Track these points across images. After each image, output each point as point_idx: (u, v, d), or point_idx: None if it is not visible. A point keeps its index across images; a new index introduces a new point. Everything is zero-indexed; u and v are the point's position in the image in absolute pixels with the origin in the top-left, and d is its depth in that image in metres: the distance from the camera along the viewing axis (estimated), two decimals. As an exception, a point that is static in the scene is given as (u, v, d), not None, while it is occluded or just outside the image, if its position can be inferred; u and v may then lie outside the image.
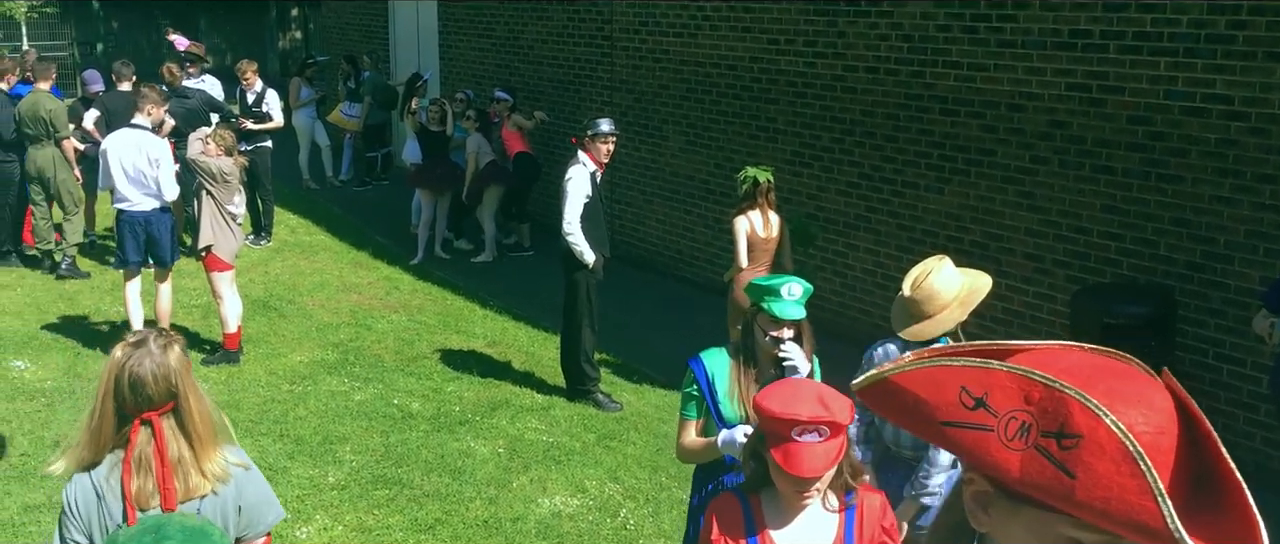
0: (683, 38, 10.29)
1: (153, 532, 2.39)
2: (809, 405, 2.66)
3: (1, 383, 7.47)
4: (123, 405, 2.78)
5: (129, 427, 2.79)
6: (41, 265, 10.21)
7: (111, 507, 2.79)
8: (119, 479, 2.78)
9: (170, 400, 2.81)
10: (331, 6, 17.91)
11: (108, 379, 2.80)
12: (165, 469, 2.79)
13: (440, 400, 7.46)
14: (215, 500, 2.86)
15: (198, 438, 2.84)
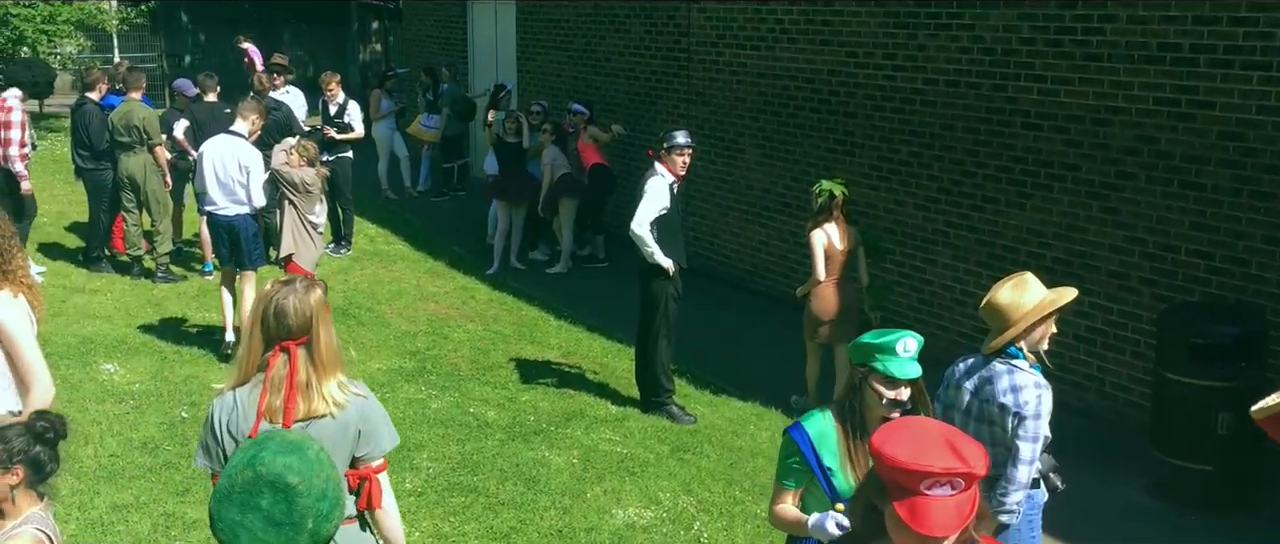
0: (760, 50, 10.27)
1: (257, 444, 2.83)
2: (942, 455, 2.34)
3: (92, 385, 7.68)
4: (268, 333, 3.34)
5: (270, 351, 3.33)
6: (131, 271, 10.48)
7: (246, 418, 3.31)
8: (257, 396, 3.33)
9: (306, 333, 3.35)
10: (412, 20, 18.18)
11: (258, 311, 3.36)
12: (292, 391, 3.32)
13: (515, 410, 7.51)
14: (333, 422, 3.35)
15: (324, 367, 3.37)
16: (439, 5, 16.85)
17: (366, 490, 3.45)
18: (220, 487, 2.82)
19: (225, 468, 2.88)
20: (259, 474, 2.77)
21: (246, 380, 3.39)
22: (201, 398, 7.51)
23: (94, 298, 9.77)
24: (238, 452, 2.85)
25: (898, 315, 9.06)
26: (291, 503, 2.76)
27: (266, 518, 2.76)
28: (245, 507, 2.77)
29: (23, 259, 4.32)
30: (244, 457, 2.83)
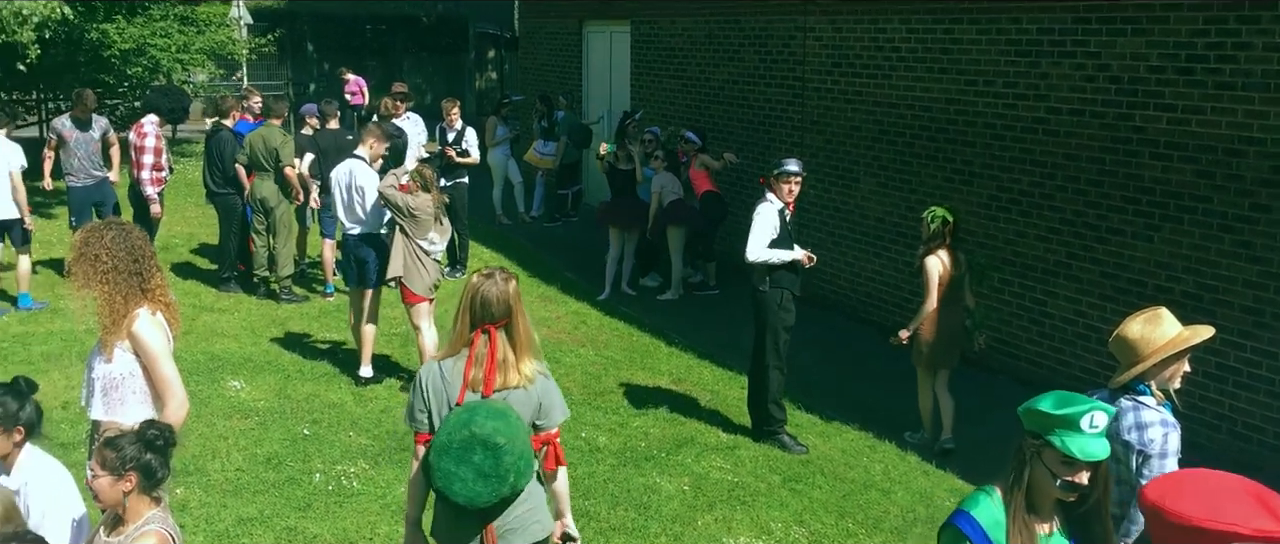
0: (876, 79, 10.18)
1: (470, 409, 3.72)
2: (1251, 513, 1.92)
3: (219, 401, 7.94)
4: (474, 317, 3.92)
5: (475, 331, 3.89)
6: (258, 291, 10.83)
7: (452, 387, 3.89)
8: (462, 369, 3.89)
9: (505, 318, 3.92)
10: (528, 49, 18.49)
11: (466, 298, 3.95)
12: (492, 365, 3.87)
13: (626, 435, 7.53)
14: (523, 393, 3.91)
15: (520, 347, 3.93)
16: (555, 34, 17.10)
17: (550, 453, 4.01)
18: (438, 443, 3.68)
19: (442, 428, 3.71)
20: (474, 434, 3.64)
21: (452, 355, 3.95)
22: (323, 416, 7.71)
23: (222, 317, 10.11)
24: (452, 415, 3.72)
25: (1016, 349, 8.86)
26: (499, 459, 3.64)
27: (477, 470, 3.64)
28: (460, 460, 3.65)
29: (161, 278, 4.49)
30: (459, 419, 3.68)
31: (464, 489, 3.66)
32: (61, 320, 9.69)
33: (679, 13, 13.48)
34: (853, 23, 10.45)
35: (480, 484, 3.66)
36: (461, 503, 3.72)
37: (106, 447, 3.62)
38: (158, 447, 3.66)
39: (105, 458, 3.59)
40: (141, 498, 3.64)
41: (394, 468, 6.88)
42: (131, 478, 3.59)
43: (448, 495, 3.72)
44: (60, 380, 8.09)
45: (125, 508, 3.62)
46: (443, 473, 3.67)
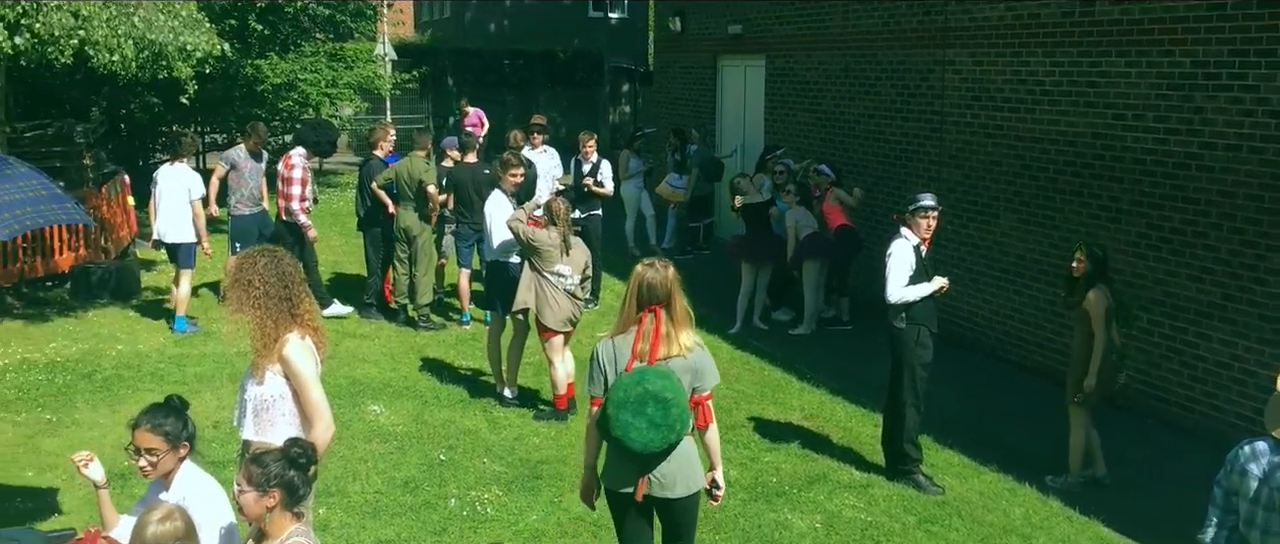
0: (1019, 112, 9.96)
1: (641, 372, 4.53)
2: None
3: (360, 425, 8.16)
4: (640, 299, 4.68)
5: (641, 312, 4.65)
6: (397, 318, 11.12)
7: (622, 356, 4.64)
8: (630, 342, 4.64)
9: (666, 299, 4.68)
10: (662, 83, 18.65)
11: (633, 284, 4.73)
12: (657, 338, 4.64)
13: (757, 470, 7.47)
14: (682, 361, 4.66)
15: (678, 323, 4.69)
16: (689, 69, 17.22)
17: (703, 411, 4.74)
18: (615, 399, 4.48)
19: (616, 387, 4.53)
20: (646, 391, 4.47)
21: (622, 332, 4.71)
22: (458, 442, 7.85)
23: (364, 343, 10.41)
24: (625, 377, 4.54)
25: (1165, 392, 8.51)
26: (667, 411, 4.45)
27: (649, 421, 4.46)
28: (635, 413, 4.46)
29: (310, 304, 4.65)
30: (633, 379, 4.51)
31: (639, 436, 4.47)
32: (214, 344, 10.11)
33: (815, 46, 13.43)
34: (994, 56, 10.25)
35: (652, 432, 4.47)
36: (637, 449, 4.50)
37: (253, 463, 3.77)
38: (300, 464, 3.80)
39: (251, 474, 3.74)
40: (285, 513, 3.78)
41: (526, 495, 6.96)
42: (275, 494, 3.73)
43: (625, 443, 4.51)
44: (211, 401, 8.43)
45: (269, 522, 3.76)
46: (621, 423, 4.48)
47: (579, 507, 6.79)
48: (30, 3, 9.17)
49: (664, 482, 4.64)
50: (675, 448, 4.60)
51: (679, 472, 4.65)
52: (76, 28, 9.48)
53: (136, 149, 19.68)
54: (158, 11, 10.53)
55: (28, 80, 14.89)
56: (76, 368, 9.40)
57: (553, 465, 7.47)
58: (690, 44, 17.10)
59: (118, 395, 8.72)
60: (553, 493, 7.01)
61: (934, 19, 11.06)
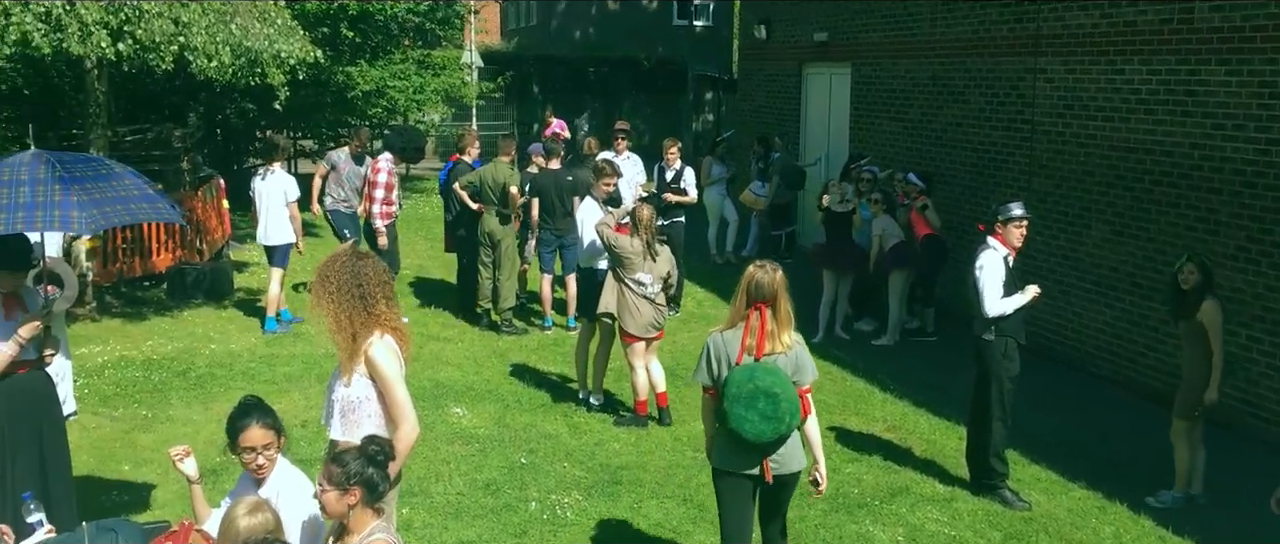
0: (1113, 121, 9.73)
1: (751, 369, 4.97)
2: None
3: (443, 426, 8.25)
4: (749, 297, 5.07)
5: (749, 309, 5.07)
6: (480, 322, 11.23)
7: (731, 351, 5.08)
8: (739, 337, 5.07)
9: (772, 299, 5.04)
10: (746, 90, 18.59)
11: (744, 283, 5.10)
12: (763, 335, 5.04)
13: (839, 481, 7.39)
14: (786, 357, 5.07)
15: (782, 322, 5.07)
16: (773, 77, 17.14)
17: (804, 403, 5.09)
18: (730, 394, 4.94)
19: (730, 383, 4.96)
20: (757, 387, 4.91)
21: (731, 327, 5.14)
22: (539, 445, 7.90)
23: (447, 346, 10.53)
24: (736, 372, 4.97)
25: (1266, 413, 8.24)
26: (776, 406, 4.91)
27: (761, 414, 4.91)
28: (748, 407, 4.92)
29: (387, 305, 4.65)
30: (745, 375, 4.94)
31: (752, 428, 4.94)
32: (303, 344, 10.31)
33: (902, 55, 13.28)
34: (1088, 64, 10.03)
35: (764, 424, 4.93)
36: (751, 439, 4.97)
37: (333, 462, 3.83)
38: (379, 461, 3.86)
39: (331, 473, 3.80)
40: (365, 511, 3.84)
41: (606, 500, 6.97)
42: (356, 492, 3.79)
43: (741, 434, 4.97)
44: (300, 400, 8.59)
45: (351, 519, 3.82)
46: (736, 417, 4.95)
47: (658, 513, 6.81)
48: (133, 9, 9.45)
49: (777, 461, 5.11)
50: (785, 439, 5.07)
51: (787, 452, 5.15)
52: (176, 34, 9.75)
53: (231, 154, 20.18)
54: (254, 19, 10.79)
55: (129, 86, 15.36)
56: (171, 366, 9.66)
57: (632, 471, 7.47)
58: (775, 51, 17.03)
59: (210, 393, 8.94)
60: (632, 499, 7.02)
61: (1026, 26, 10.87)
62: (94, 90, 11.06)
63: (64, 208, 4.86)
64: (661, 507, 6.91)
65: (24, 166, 4.99)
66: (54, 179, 4.94)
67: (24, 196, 4.84)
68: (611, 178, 9.35)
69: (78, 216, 4.88)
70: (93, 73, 10.93)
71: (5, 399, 5.27)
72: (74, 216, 4.87)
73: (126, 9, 9.41)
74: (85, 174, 5.10)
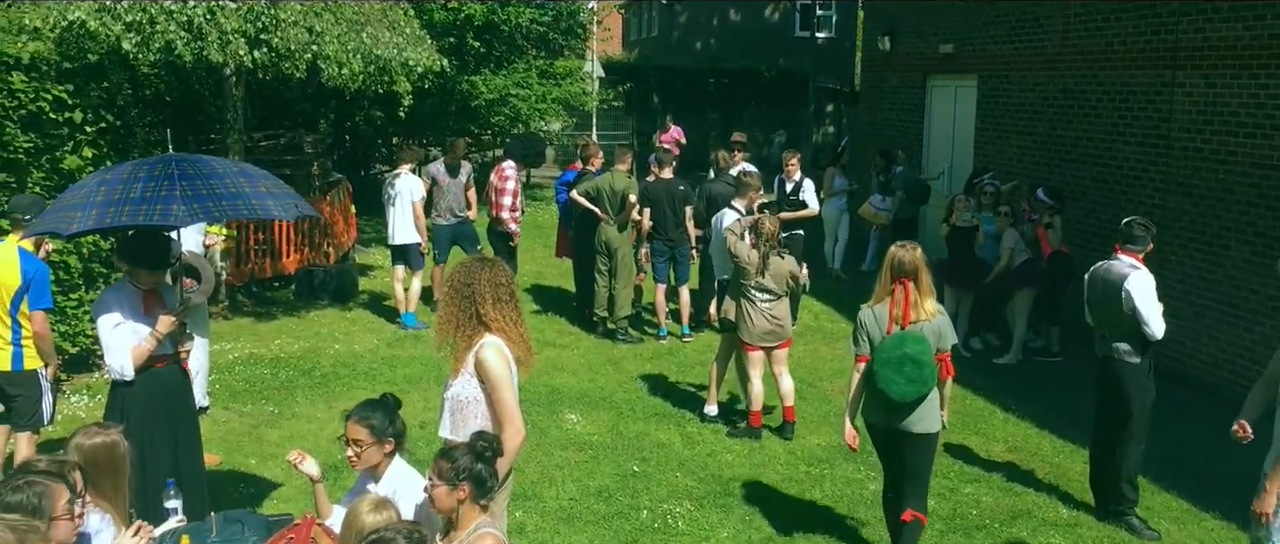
0: (1255, 138, 9.32)
1: (899, 337, 5.71)
2: None
3: (557, 432, 8.32)
4: (893, 273, 5.81)
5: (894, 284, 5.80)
6: (596, 329, 11.30)
7: (881, 322, 5.86)
8: (886, 310, 5.84)
9: (914, 273, 5.77)
10: (868, 102, 18.36)
11: (888, 262, 5.84)
12: (907, 306, 5.78)
13: (956, 501, 7.22)
14: (929, 324, 5.79)
15: (924, 293, 5.80)
16: (897, 89, 16.89)
17: (945, 366, 5.84)
18: (881, 359, 5.73)
19: (880, 350, 5.75)
20: (905, 353, 5.68)
21: (879, 302, 5.90)
22: (651, 454, 7.90)
23: (563, 353, 10.62)
24: (889, 340, 5.74)
25: None
26: (921, 369, 5.66)
27: (907, 377, 5.68)
28: (896, 370, 5.67)
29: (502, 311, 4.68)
30: (894, 342, 5.72)
31: (898, 389, 5.71)
32: (423, 346, 10.52)
33: (1031, 67, 12.95)
34: (1229, 78, 9.63)
35: (908, 386, 5.69)
36: (896, 398, 5.73)
37: (442, 458, 3.90)
38: (486, 458, 3.92)
39: (441, 469, 3.87)
40: (473, 507, 3.89)
41: (718, 511, 6.93)
42: (465, 487, 3.85)
43: (888, 394, 5.73)
44: (419, 402, 8.76)
45: (458, 515, 3.88)
46: (885, 379, 5.72)
47: (771, 526, 6.74)
48: (270, 18, 9.78)
49: (911, 420, 5.81)
50: (924, 399, 5.76)
51: (922, 413, 5.82)
52: (310, 42, 10.05)
53: (359, 159, 20.73)
54: (384, 27, 11.08)
55: (264, 93, 15.91)
56: (298, 364, 9.95)
57: (746, 484, 7.42)
58: (899, 63, 16.79)
59: (334, 392, 9.18)
60: (744, 512, 6.96)
61: (1163, 38, 10.49)
62: (231, 96, 11.48)
63: (166, 202, 5.01)
64: (774, 520, 6.84)
65: (145, 166, 5.21)
66: (165, 176, 5.12)
67: (135, 192, 5.04)
68: (758, 189, 9.41)
69: (178, 210, 5.01)
70: (231, 79, 11.35)
71: (143, 391, 5.49)
72: (175, 210, 5.00)
73: (263, 17, 9.75)
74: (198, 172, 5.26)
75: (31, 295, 6.40)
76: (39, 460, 3.80)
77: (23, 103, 8.17)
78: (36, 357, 6.51)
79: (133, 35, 9.23)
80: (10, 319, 6.39)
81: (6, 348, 6.43)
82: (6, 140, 7.91)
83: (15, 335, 6.42)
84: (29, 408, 6.54)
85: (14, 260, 6.38)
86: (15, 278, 6.37)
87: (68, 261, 8.85)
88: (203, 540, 4.36)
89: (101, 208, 4.96)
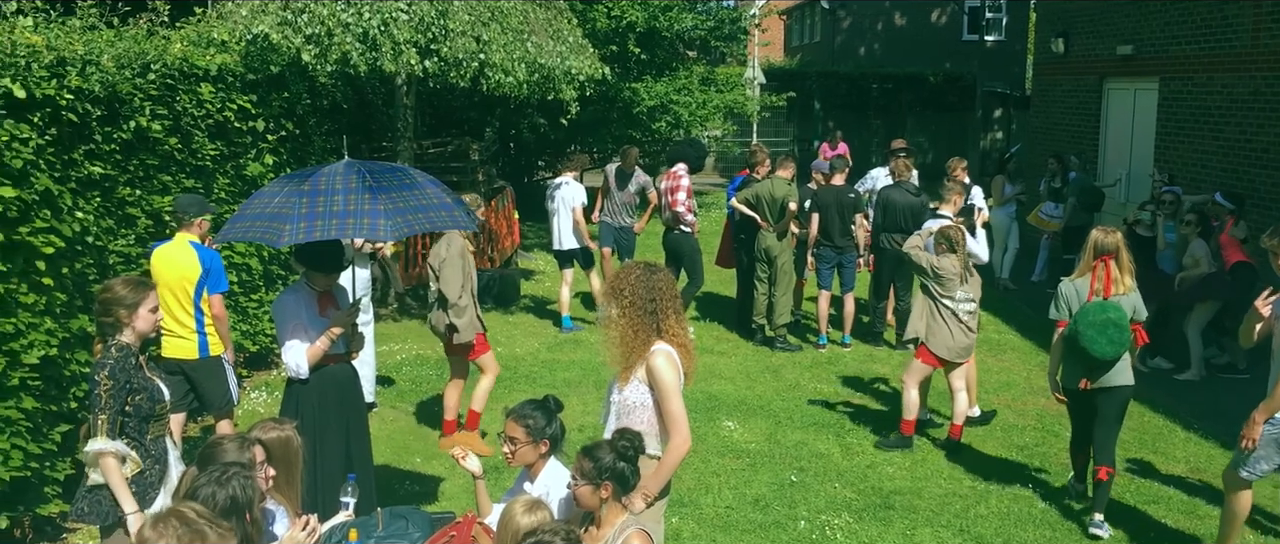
0: None
1: (1101, 304, 6.47)
2: None
3: (714, 439, 8.28)
4: (1095, 252, 6.61)
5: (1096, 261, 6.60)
6: (754, 337, 11.22)
7: (1082, 294, 6.60)
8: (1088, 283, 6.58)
9: (1115, 251, 6.56)
10: (1040, 107, 17.74)
11: (1090, 243, 6.64)
12: (1109, 281, 6.54)
13: (1135, 523, 6.88)
14: (1126, 298, 6.54)
15: (1123, 269, 6.57)
16: (1071, 92, 16.27)
17: (1139, 335, 6.63)
18: (1086, 321, 6.41)
19: (1084, 317, 6.43)
20: (1109, 318, 6.39)
21: (1081, 277, 6.65)
22: (809, 464, 7.79)
23: (721, 359, 10.58)
24: (1093, 305, 6.46)
25: None
26: (1121, 333, 6.40)
27: (1109, 339, 6.39)
28: (1100, 333, 6.38)
29: (677, 320, 4.72)
30: (1099, 309, 6.43)
31: (1101, 350, 6.41)
32: (583, 350, 10.64)
33: (1217, 68, 12.29)
34: None
35: (1110, 347, 6.41)
36: (1098, 356, 6.43)
37: (584, 457, 3.92)
38: (629, 456, 3.92)
39: (583, 468, 3.89)
40: (616, 505, 3.90)
41: (878, 524, 6.78)
42: (608, 486, 3.86)
43: (1092, 353, 6.43)
44: (578, 405, 8.85)
45: (602, 514, 3.89)
46: (1088, 338, 6.41)
47: (932, 541, 6.56)
48: (439, 28, 10.07)
49: (1109, 376, 6.53)
50: (1119, 358, 6.50)
51: (1118, 369, 6.55)
52: (477, 52, 10.30)
53: (522, 166, 21.15)
54: (548, 37, 11.27)
55: (433, 102, 16.39)
56: (461, 365, 10.18)
57: (906, 497, 7.24)
58: (1073, 65, 16.17)
59: (495, 394, 9.33)
60: (905, 525, 6.79)
61: (1366, 35, 9.81)
62: (403, 105, 11.85)
63: (372, 216, 5.19)
64: (936, 535, 6.65)
65: (338, 176, 5.36)
66: (364, 188, 5.28)
67: (337, 205, 5.20)
68: (962, 194, 9.21)
69: (385, 224, 5.20)
70: (402, 89, 11.72)
71: (318, 389, 5.70)
72: (381, 225, 5.19)
73: (433, 27, 10.03)
74: (390, 183, 5.42)
75: (210, 282, 6.83)
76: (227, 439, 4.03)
77: (210, 112, 8.61)
78: (219, 343, 6.92)
79: (312, 47, 9.63)
80: (194, 309, 6.81)
81: (192, 337, 6.84)
82: (195, 148, 8.34)
83: (199, 324, 6.84)
84: (219, 393, 6.97)
85: (191, 253, 6.79)
86: (195, 268, 6.78)
87: (250, 264, 9.28)
88: (369, 535, 4.48)
89: (309, 220, 5.15)
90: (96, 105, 6.87)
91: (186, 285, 6.77)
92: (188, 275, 6.77)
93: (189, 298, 6.78)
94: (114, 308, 4.66)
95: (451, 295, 7.60)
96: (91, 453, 4.56)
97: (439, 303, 7.76)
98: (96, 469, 4.59)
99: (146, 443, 4.73)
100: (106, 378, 4.53)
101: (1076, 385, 6.64)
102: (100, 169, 6.90)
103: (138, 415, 4.67)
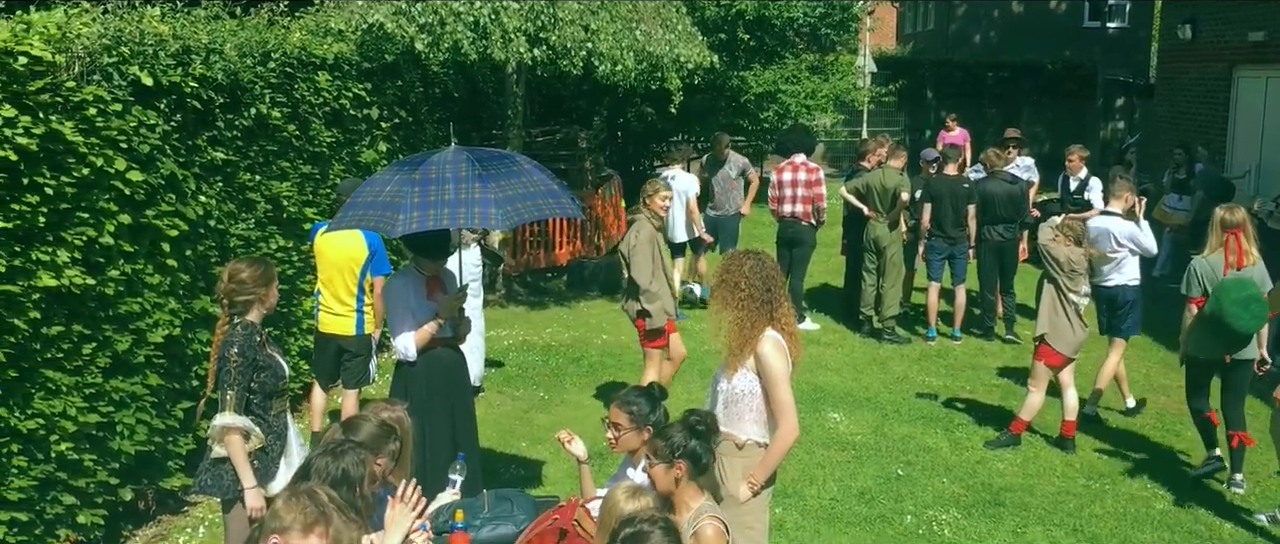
0: None
1: (1239, 281, 6.65)
2: None
3: (819, 430, 8.20)
4: (1224, 227, 6.84)
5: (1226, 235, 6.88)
6: (862, 328, 11.07)
7: (1216, 271, 6.86)
8: (1222, 258, 6.82)
9: (1242, 224, 6.83)
10: (1164, 95, 17.14)
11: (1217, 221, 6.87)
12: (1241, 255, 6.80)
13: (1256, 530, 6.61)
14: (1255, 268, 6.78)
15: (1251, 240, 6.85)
16: (1198, 80, 15.68)
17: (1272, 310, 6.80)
18: (1229, 298, 6.55)
19: (1226, 293, 6.57)
20: (1250, 294, 6.54)
21: (1212, 252, 6.89)
22: (917, 458, 7.66)
23: (827, 350, 10.47)
24: (1232, 282, 6.63)
25: None
26: (1262, 308, 6.57)
27: (1251, 313, 6.53)
28: (1243, 307, 6.52)
29: (788, 308, 4.70)
30: (1238, 284, 6.60)
31: (1243, 324, 6.58)
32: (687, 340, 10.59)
33: (1357, 53, 11.72)
34: None
35: (1253, 321, 6.58)
36: (1241, 330, 6.61)
37: (657, 437, 3.90)
38: (701, 433, 3.88)
39: (656, 448, 3.86)
40: (691, 485, 3.86)
41: (987, 521, 6.64)
42: (682, 465, 3.83)
43: (1234, 325, 6.58)
44: (680, 392, 8.82)
45: (677, 494, 3.86)
46: (1232, 313, 6.55)
47: (1044, 540, 6.42)
48: (549, 16, 10.14)
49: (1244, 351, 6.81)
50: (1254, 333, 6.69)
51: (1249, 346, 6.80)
52: (586, 40, 10.35)
53: (630, 155, 21.19)
54: (656, 25, 11.25)
55: (542, 90, 16.52)
56: (567, 352, 10.27)
57: (1017, 494, 7.07)
58: (1201, 53, 15.57)
59: (600, 381, 9.42)
60: (1016, 522, 6.63)
61: None
62: (512, 93, 11.97)
63: (484, 205, 5.25)
64: (1048, 534, 6.48)
65: (448, 164, 5.43)
66: (474, 177, 5.34)
67: (448, 194, 5.27)
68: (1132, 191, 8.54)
69: (495, 214, 5.26)
70: (512, 77, 11.83)
71: (425, 371, 5.79)
72: (492, 214, 5.25)
73: (543, 16, 10.11)
74: (499, 172, 5.47)
75: (374, 265, 7.13)
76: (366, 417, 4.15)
77: (327, 100, 8.80)
78: (373, 322, 7.21)
79: (425, 36, 9.78)
80: (357, 289, 7.11)
81: (351, 315, 7.15)
82: (313, 135, 8.54)
83: (360, 303, 7.14)
84: (361, 369, 7.27)
85: (358, 235, 7.00)
86: (363, 250, 7.08)
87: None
88: (475, 516, 4.54)
89: (421, 209, 5.24)
90: (219, 93, 7.09)
91: (354, 266, 7.07)
92: (356, 256, 7.06)
93: (354, 278, 7.09)
94: (251, 286, 4.83)
95: (642, 281, 7.70)
96: (218, 427, 4.72)
97: (629, 290, 7.85)
98: (221, 444, 4.74)
99: (270, 419, 4.89)
100: (236, 355, 4.70)
101: (1219, 357, 6.89)
102: (222, 155, 7.11)
103: (263, 392, 4.83)
